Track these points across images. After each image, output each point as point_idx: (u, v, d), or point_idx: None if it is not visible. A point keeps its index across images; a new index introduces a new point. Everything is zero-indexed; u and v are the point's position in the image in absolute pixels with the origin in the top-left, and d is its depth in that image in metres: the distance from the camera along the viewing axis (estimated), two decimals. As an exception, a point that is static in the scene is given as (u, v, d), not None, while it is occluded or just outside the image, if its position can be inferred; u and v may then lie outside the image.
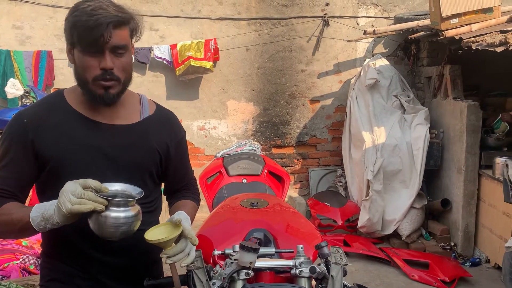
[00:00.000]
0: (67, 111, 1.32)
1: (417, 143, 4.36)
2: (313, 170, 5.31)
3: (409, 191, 4.36)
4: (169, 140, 1.46)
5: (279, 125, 5.27)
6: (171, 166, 1.49)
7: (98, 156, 1.31)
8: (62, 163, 1.28)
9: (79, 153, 1.30)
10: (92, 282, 1.36)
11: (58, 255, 1.35)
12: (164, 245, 1.22)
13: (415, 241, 4.36)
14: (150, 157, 1.41)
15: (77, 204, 1.10)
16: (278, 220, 1.67)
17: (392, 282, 3.67)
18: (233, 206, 1.79)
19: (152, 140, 1.41)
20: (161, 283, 1.34)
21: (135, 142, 1.37)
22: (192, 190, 1.62)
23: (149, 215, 1.42)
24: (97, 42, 1.21)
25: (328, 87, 5.25)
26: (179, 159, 1.52)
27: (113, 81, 1.27)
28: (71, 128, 1.31)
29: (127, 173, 1.34)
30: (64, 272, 1.35)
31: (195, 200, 1.59)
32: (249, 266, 1.27)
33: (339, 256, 1.35)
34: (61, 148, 1.28)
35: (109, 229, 1.16)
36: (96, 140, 1.32)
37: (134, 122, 1.40)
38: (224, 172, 2.43)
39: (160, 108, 1.50)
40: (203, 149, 5.24)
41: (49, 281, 1.37)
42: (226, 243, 1.52)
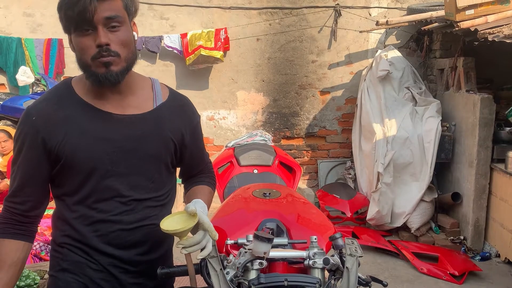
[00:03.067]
0: (76, 102, 1.27)
1: (429, 136, 4.32)
2: (322, 162, 5.29)
3: (419, 184, 4.32)
4: (184, 127, 1.40)
5: (288, 116, 5.25)
6: (187, 153, 1.44)
7: (111, 149, 1.27)
8: (74, 159, 1.24)
9: (91, 147, 1.25)
10: (104, 274, 1.32)
11: (69, 245, 1.32)
12: (180, 235, 1.20)
13: (424, 234, 4.34)
14: (165, 147, 1.36)
15: None
16: (290, 210, 1.66)
17: (401, 274, 3.66)
18: (245, 196, 1.78)
19: (167, 129, 1.35)
20: (174, 271, 1.34)
21: (149, 133, 1.31)
22: (208, 174, 1.58)
23: (162, 209, 1.38)
24: (84, 16, 1.15)
25: (339, 78, 5.20)
26: (195, 145, 1.47)
27: (111, 56, 1.19)
28: (83, 120, 1.26)
29: (142, 166, 1.31)
30: (75, 262, 1.31)
31: (211, 185, 1.55)
32: (263, 256, 1.26)
33: (354, 247, 1.34)
34: (73, 144, 1.24)
35: None
36: (110, 132, 1.27)
37: (147, 110, 1.33)
38: (235, 162, 2.43)
39: (173, 93, 1.44)
40: (212, 139, 5.24)
41: (60, 271, 1.33)
42: (238, 233, 1.51)
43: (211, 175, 1.59)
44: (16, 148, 1.28)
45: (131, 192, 1.30)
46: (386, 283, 1.49)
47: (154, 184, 1.35)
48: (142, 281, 1.37)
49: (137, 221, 1.31)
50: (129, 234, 1.20)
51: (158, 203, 1.38)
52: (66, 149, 1.23)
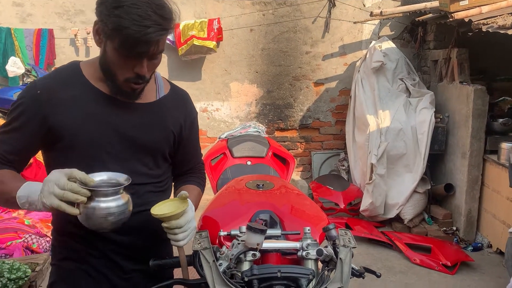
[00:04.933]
0: (84, 85, 1.27)
1: (422, 127, 4.32)
2: (316, 154, 5.28)
3: (412, 176, 4.34)
4: (183, 120, 1.44)
5: (282, 107, 5.23)
6: (181, 147, 1.47)
7: (114, 134, 1.28)
8: (78, 140, 1.24)
9: (94, 130, 1.26)
10: (105, 260, 1.34)
11: (69, 233, 1.33)
12: (168, 220, 1.22)
13: (417, 225, 4.36)
14: (165, 137, 1.39)
15: (62, 200, 1.07)
16: (284, 202, 1.65)
17: (394, 265, 3.68)
18: (238, 187, 1.77)
19: (168, 120, 1.39)
20: (166, 263, 1.33)
21: (151, 122, 1.34)
22: (199, 174, 1.59)
23: (162, 195, 1.43)
24: (143, 49, 1.16)
25: (333, 69, 5.18)
26: (190, 139, 1.50)
27: (143, 84, 1.26)
28: (88, 103, 1.26)
29: (142, 153, 1.34)
30: (76, 250, 1.33)
31: (200, 185, 1.56)
32: (256, 248, 1.25)
33: (348, 238, 1.33)
34: (78, 124, 1.24)
35: (98, 220, 1.13)
36: (113, 117, 1.28)
37: (151, 101, 1.36)
38: (229, 154, 2.41)
39: (174, 87, 1.47)
40: (206, 131, 5.21)
41: (62, 260, 1.35)
42: (232, 224, 1.50)
43: (201, 175, 1.61)
44: (10, 116, 1.26)
45: (132, 177, 1.29)
46: (379, 274, 1.49)
47: (153, 171, 1.39)
48: (143, 267, 1.38)
49: (139, 205, 1.31)
50: (131, 219, 1.20)
51: (158, 189, 1.42)
52: (69, 129, 1.23)
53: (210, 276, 1.17)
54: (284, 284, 1.19)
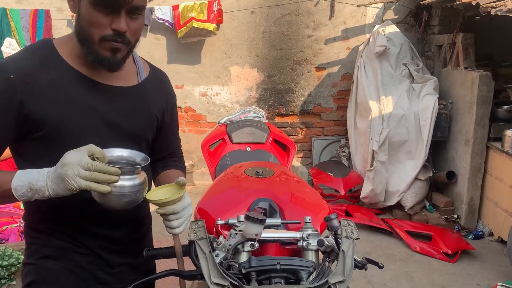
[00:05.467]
0: (62, 67, 1.15)
1: (425, 114, 4.25)
2: (316, 140, 5.22)
3: (414, 163, 4.28)
4: (165, 104, 1.36)
5: (283, 92, 5.15)
6: (162, 132, 1.40)
7: (100, 122, 1.18)
8: (60, 129, 1.13)
9: (79, 117, 1.15)
10: (91, 257, 1.25)
11: (51, 230, 1.21)
12: (164, 206, 1.16)
13: (418, 212, 4.32)
14: (149, 123, 1.31)
15: (90, 181, 0.99)
16: (284, 190, 1.59)
17: (394, 253, 3.64)
18: (237, 174, 1.71)
19: (151, 105, 1.30)
20: (161, 253, 1.27)
21: (135, 108, 1.26)
22: (179, 158, 1.53)
23: None
24: (117, 6, 1.06)
25: (335, 54, 5.08)
26: (171, 124, 1.43)
27: (123, 44, 1.12)
28: (69, 87, 1.14)
29: (128, 141, 1.24)
30: (59, 248, 1.22)
31: (182, 170, 1.50)
32: (254, 238, 1.20)
33: (350, 229, 1.27)
34: (59, 112, 1.12)
35: (115, 199, 1.06)
36: (97, 103, 1.17)
37: (133, 84, 1.27)
38: (228, 139, 2.34)
39: (153, 68, 1.38)
40: (205, 115, 5.14)
41: (41, 259, 1.22)
42: (229, 213, 1.45)
43: (182, 159, 1.55)
44: None
45: None
46: (382, 265, 1.44)
47: None
48: (129, 260, 1.33)
49: None
50: (120, 213, 1.12)
51: None
52: (52, 117, 1.11)
53: (206, 268, 1.12)
54: (284, 276, 1.14)
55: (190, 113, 5.12)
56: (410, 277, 3.28)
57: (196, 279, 1.17)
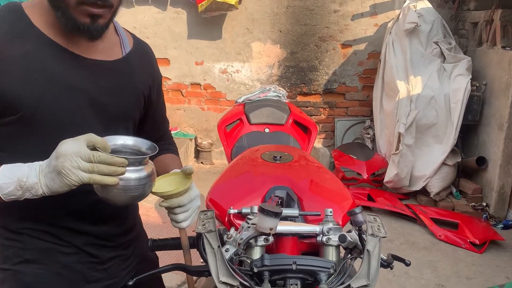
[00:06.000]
0: (37, 38, 0.98)
1: (456, 96, 4.01)
2: (339, 120, 5.04)
3: (442, 147, 4.08)
4: (152, 81, 1.22)
5: (306, 70, 4.95)
6: (151, 113, 1.26)
7: (84, 101, 1.04)
8: (38, 111, 0.97)
9: (60, 97, 1.00)
10: (79, 256, 1.12)
11: (30, 230, 1.07)
12: (170, 198, 1.06)
13: (444, 199, 4.14)
14: (136, 102, 1.18)
15: (92, 173, 0.86)
16: (303, 177, 1.46)
17: (418, 241, 3.50)
18: (253, 159, 1.59)
19: (137, 81, 1.16)
20: (167, 244, 1.17)
21: (121, 85, 1.11)
22: (170, 141, 1.41)
23: None
24: None
25: (362, 30, 4.84)
26: (158, 104, 1.30)
27: (105, 8, 0.96)
28: (46, 61, 0.98)
29: (114, 123, 1.11)
30: (42, 250, 1.08)
31: (176, 153, 1.39)
32: (268, 233, 1.08)
33: (377, 226, 1.14)
34: (37, 90, 0.96)
35: (120, 193, 0.94)
36: (79, 79, 1.02)
37: (117, 58, 1.12)
38: (245, 120, 2.22)
39: (137, 40, 1.23)
40: (225, 93, 5.01)
41: (21, 264, 1.07)
42: (243, 201, 1.34)
43: (173, 142, 1.43)
44: None
45: None
46: (409, 262, 1.31)
47: None
48: (120, 252, 1.22)
49: None
50: (107, 204, 0.99)
51: None
52: (28, 97, 0.96)
53: (214, 265, 1.01)
54: (300, 277, 1.03)
55: (210, 90, 5.00)
56: (433, 266, 3.14)
57: (203, 275, 1.07)
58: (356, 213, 1.18)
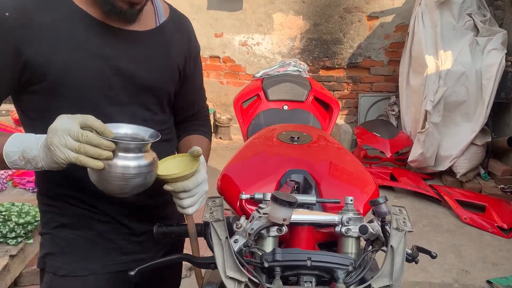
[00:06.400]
0: (65, 5, 0.98)
1: (489, 72, 3.79)
2: (363, 96, 4.86)
3: (471, 126, 3.88)
4: (188, 53, 1.17)
5: (330, 43, 4.76)
6: (184, 87, 1.20)
7: (112, 71, 1.02)
8: (65, 79, 0.97)
9: (87, 65, 0.98)
10: (112, 225, 1.13)
11: (66, 196, 1.09)
12: (174, 182, 0.98)
13: (470, 180, 3.97)
14: (170, 74, 1.14)
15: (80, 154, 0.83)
16: (322, 160, 1.35)
17: (442, 223, 3.37)
18: (269, 139, 1.48)
19: (171, 53, 1.12)
20: (173, 231, 1.09)
21: (154, 55, 1.08)
22: (204, 122, 1.33)
23: (167, 145, 1.18)
24: None
25: (389, 1, 4.60)
26: (194, 78, 1.24)
27: None
28: (75, 29, 0.98)
29: (145, 95, 1.08)
30: (77, 216, 1.10)
31: (208, 135, 1.31)
32: (282, 224, 0.98)
33: (402, 218, 1.03)
34: (64, 58, 0.96)
35: (116, 182, 0.88)
36: (108, 49, 1.01)
37: (150, 28, 1.09)
38: (263, 96, 2.10)
39: (174, 11, 1.18)
40: (245, 67, 4.87)
41: (57, 228, 1.12)
42: (256, 185, 1.24)
43: (207, 123, 1.35)
44: None
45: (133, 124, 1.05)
46: (435, 255, 1.20)
47: (158, 117, 1.14)
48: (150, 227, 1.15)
49: None
50: None
51: (163, 137, 1.15)
52: (55, 64, 0.95)
53: (221, 258, 0.92)
54: (315, 274, 0.93)
55: (229, 63, 4.87)
56: (458, 251, 3.02)
57: (210, 268, 0.98)
58: (379, 203, 1.06)
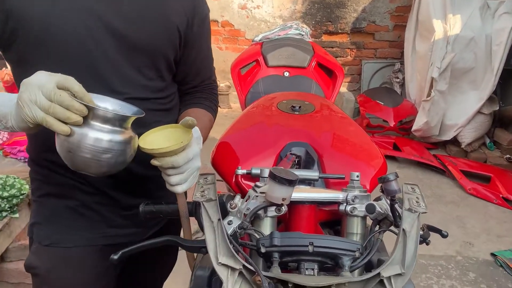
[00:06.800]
0: None
1: (499, 37, 3.62)
2: (367, 63, 4.69)
3: (479, 94, 3.75)
4: (191, 15, 1.05)
5: (333, 7, 4.55)
6: (187, 53, 1.09)
7: (94, 23, 0.92)
8: (46, 31, 0.89)
9: (70, 17, 0.90)
10: (99, 197, 1.06)
11: (52, 163, 1.03)
12: (162, 157, 0.86)
13: (475, 150, 3.87)
14: (168, 35, 1.03)
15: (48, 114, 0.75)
16: (326, 131, 1.24)
17: (445, 194, 3.29)
18: (268, 108, 1.37)
19: (170, 13, 1.02)
20: (161, 210, 0.99)
21: (149, 13, 0.98)
22: (208, 96, 1.21)
23: (166, 115, 1.10)
24: None
25: (396, -39, 4.36)
26: (199, 44, 1.11)
27: None
28: None
29: (138, 56, 0.98)
30: (62, 184, 1.04)
31: (211, 110, 1.20)
32: (281, 204, 0.88)
33: (415, 198, 0.93)
34: (45, 8, 0.89)
35: (82, 154, 0.78)
36: (96, 3, 0.92)
37: None
38: (262, 62, 1.96)
39: None
40: (244, 31, 4.68)
41: (43, 196, 1.07)
42: (254, 159, 1.14)
43: (213, 97, 1.23)
44: None
45: (126, 89, 0.97)
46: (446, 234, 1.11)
47: (154, 83, 1.04)
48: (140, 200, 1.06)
49: (138, 127, 0.95)
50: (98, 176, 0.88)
51: (161, 106, 1.07)
52: (35, 14, 0.89)
53: (213, 242, 0.82)
54: (317, 261, 0.84)
55: (228, 28, 4.67)
56: (461, 222, 2.95)
57: (201, 252, 0.89)
58: (389, 180, 0.95)
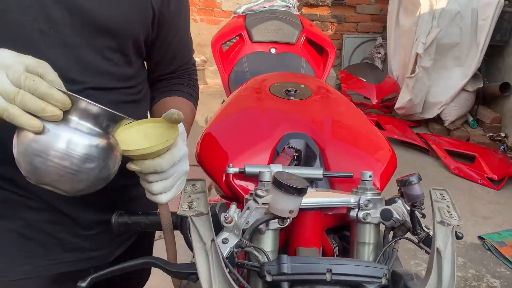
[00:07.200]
0: None
1: (486, 11, 3.50)
2: (348, 37, 4.53)
3: (463, 71, 3.65)
4: None
5: (313, -22, 4.33)
6: (162, 34, 0.89)
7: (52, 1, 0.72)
8: None
9: None
10: (50, 214, 0.84)
11: None
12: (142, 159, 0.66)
13: (458, 128, 3.81)
14: (139, 12, 0.82)
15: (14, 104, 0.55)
16: (327, 121, 1.08)
17: (430, 174, 3.21)
18: (259, 92, 1.19)
19: None
20: (139, 222, 0.81)
21: None
22: (188, 82, 1.02)
23: (135, 107, 0.89)
24: None
25: None
26: (177, 23, 0.92)
27: None
28: None
29: (101, 37, 0.77)
30: (3, 202, 0.83)
31: (192, 98, 1.01)
32: (287, 217, 0.72)
33: (446, 207, 0.78)
34: None
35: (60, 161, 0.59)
36: None
37: None
38: (246, 36, 1.77)
39: None
40: (220, 2, 4.40)
41: None
42: (246, 155, 0.98)
43: (193, 83, 1.04)
44: None
45: (85, 77, 0.76)
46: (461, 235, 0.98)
47: (120, 69, 0.82)
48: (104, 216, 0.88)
49: None
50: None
51: (128, 98, 0.86)
52: None
53: (205, 269, 0.65)
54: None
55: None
56: (447, 204, 2.88)
57: (190, 279, 0.72)
58: (412, 183, 0.81)
